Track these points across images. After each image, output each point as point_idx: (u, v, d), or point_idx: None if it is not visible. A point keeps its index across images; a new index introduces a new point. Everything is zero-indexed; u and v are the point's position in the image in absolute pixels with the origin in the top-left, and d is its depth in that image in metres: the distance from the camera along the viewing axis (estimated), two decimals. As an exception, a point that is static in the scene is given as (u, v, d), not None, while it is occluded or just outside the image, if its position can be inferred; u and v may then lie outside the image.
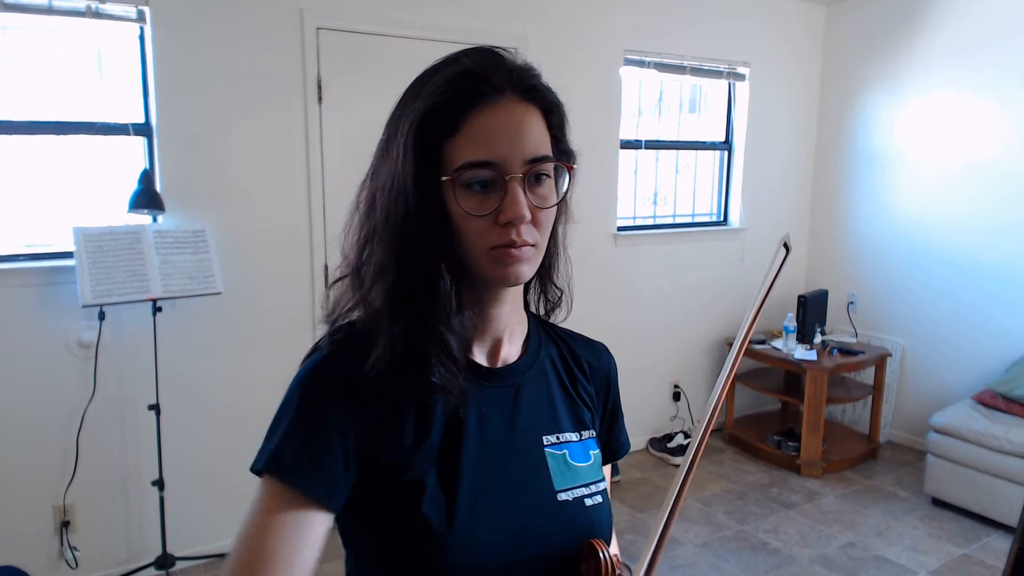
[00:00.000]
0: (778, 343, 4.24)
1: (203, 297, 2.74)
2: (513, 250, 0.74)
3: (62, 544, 2.77)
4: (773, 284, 0.74)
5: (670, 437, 4.18)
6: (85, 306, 2.50)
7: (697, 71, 4.19)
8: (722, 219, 4.61)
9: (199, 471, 2.98)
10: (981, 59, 3.88)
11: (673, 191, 4.44)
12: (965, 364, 4.01)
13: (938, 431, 3.54)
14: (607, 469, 0.94)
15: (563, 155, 0.81)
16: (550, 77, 0.80)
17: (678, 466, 1.03)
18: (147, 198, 2.64)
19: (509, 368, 0.85)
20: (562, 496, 0.81)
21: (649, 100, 4.24)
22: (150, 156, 2.83)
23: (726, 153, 4.54)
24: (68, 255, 2.63)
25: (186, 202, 2.82)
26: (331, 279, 0.84)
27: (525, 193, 0.74)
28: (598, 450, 0.88)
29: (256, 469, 0.73)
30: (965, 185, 4.01)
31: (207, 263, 2.74)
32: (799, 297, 4.22)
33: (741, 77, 4.37)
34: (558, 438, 0.84)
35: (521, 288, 0.87)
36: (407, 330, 0.75)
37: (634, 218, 4.28)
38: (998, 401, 3.54)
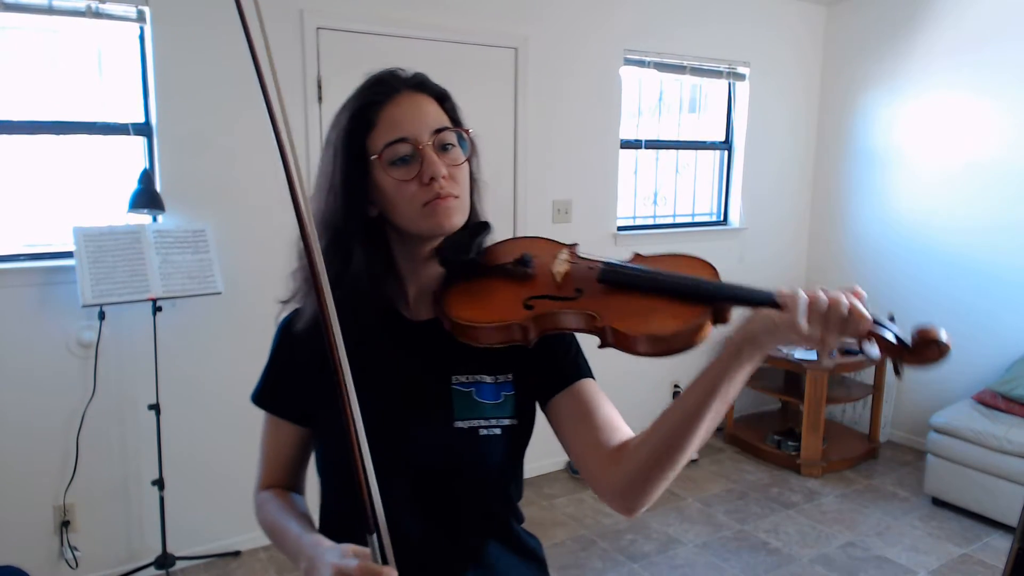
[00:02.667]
0: (778, 343, 4.23)
1: (203, 297, 2.74)
2: (440, 201, 0.93)
3: (62, 544, 2.77)
4: None
5: (670, 437, 4.18)
6: (85, 306, 2.51)
7: (697, 71, 4.19)
8: (722, 219, 4.61)
9: (199, 471, 2.98)
10: (981, 59, 3.88)
11: (673, 191, 4.44)
12: (965, 364, 4.00)
13: (938, 431, 3.54)
14: (581, 391, 1.03)
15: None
16: (550, 77, 0.83)
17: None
18: (147, 198, 2.64)
19: (433, 320, 1.01)
20: (459, 424, 0.99)
21: (649, 100, 4.24)
22: (150, 156, 2.83)
23: (726, 153, 4.54)
24: (68, 255, 2.63)
25: (186, 202, 2.82)
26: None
27: (438, 156, 0.94)
28: (512, 392, 1.03)
29: (251, 399, 1.10)
30: (965, 185, 4.01)
31: (207, 263, 2.74)
32: (799, 297, 4.22)
33: (741, 77, 4.37)
34: (468, 378, 1.01)
35: None
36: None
37: (634, 218, 4.28)
38: (998, 401, 3.54)
